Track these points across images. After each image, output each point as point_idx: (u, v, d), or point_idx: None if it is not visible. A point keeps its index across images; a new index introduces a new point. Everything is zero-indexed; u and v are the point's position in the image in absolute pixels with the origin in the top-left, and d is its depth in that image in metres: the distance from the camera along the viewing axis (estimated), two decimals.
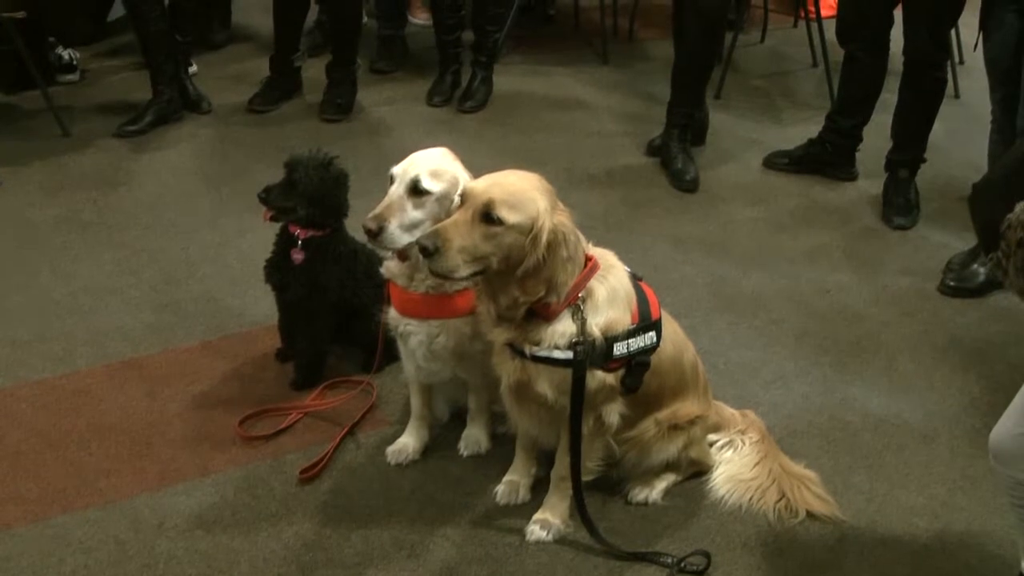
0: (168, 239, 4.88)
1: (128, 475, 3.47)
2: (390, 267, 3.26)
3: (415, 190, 3.01)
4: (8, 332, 4.19)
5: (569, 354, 2.88)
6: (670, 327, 3.16)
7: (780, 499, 3.36)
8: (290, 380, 3.85)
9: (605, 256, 3.01)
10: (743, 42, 7.08)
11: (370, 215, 3.03)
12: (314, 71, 6.41)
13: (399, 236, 3.02)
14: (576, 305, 2.88)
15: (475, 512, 3.32)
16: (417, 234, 2.99)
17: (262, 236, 3.94)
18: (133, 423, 3.71)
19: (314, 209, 3.65)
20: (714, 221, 5.16)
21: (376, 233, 3.00)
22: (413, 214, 3.02)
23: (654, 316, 3.03)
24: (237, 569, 3.05)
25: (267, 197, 3.65)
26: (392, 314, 3.29)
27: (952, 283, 4.56)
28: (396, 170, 3.09)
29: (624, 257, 3.07)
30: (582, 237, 2.90)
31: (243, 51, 7.18)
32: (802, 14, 7.42)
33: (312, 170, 3.62)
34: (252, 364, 4.00)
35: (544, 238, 2.76)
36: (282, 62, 6.31)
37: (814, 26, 6.86)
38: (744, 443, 3.49)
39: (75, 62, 6.65)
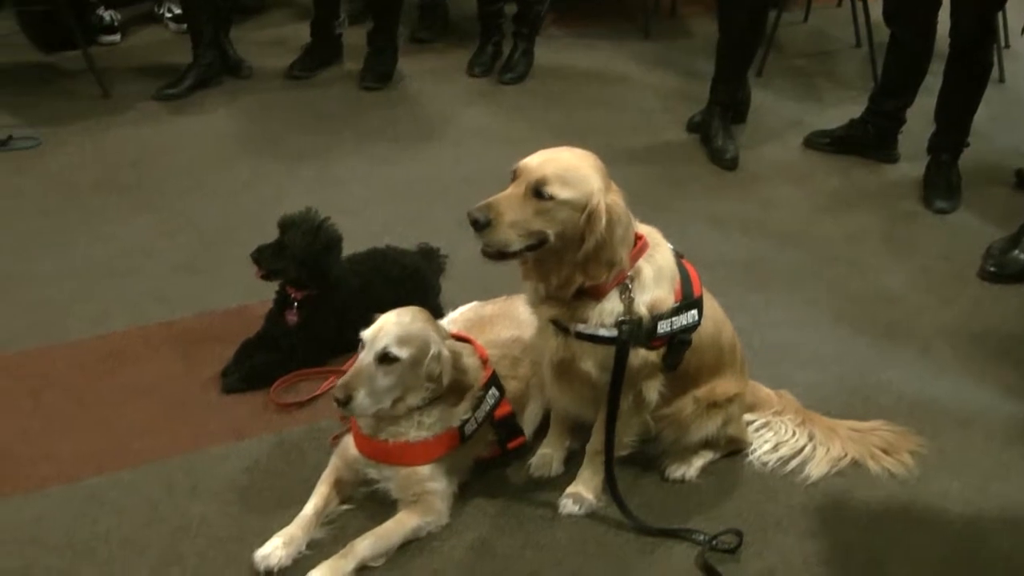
0: (206, 203, 4.90)
1: (162, 437, 3.48)
2: None
3: (384, 358, 2.97)
4: (45, 293, 4.21)
5: (614, 332, 2.87)
6: (709, 305, 3.14)
7: (843, 456, 3.44)
8: (226, 382, 3.75)
9: (652, 234, 2.99)
10: (786, 20, 7.03)
11: (339, 382, 2.99)
12: (355, 38, 6.40)
13: (368, 405, 2.98)
14: (624, 284, 2.86)
15: (508, 483, 3.31)
16: (387, 400, 3.01)
17: (299, 201, 3.91)
18: (167, 386, 3.72)
19: (303, 271, 3.70)
20: (753, 200, 5.14)
21: (344, 402, 2.96)
22: (382, 381, 2.98)
23: (696, 294, 3.02)
24: (270, 533, 3.03)
25: (258, 258, 3.71)
26: (352, 450, 3.23)
27: (992, 269, 4.53)
28: (366, 335, 3.02)
29: (662, 234, 3.06)
30: (631, 216, 2.88)
31: (284, 16, 7.20)
32: None
33: (302, 234, 3.67)
34: None
35: (603, 218, 2.73)
36: (323, 28, 6.31)
37: (859, 5, 6.82)
38: (786, 424, 3.50)
39: (116, 23, 6.67)
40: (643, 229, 2.95)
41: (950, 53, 4.97)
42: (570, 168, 2.76)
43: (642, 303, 2.88)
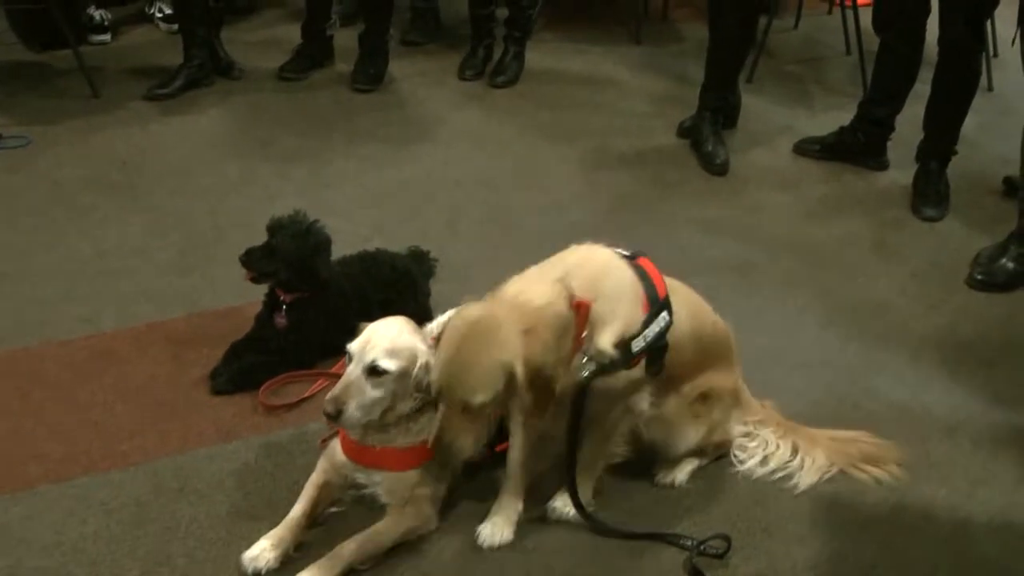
0: (196, 203, 4.90)
1: (151, 438, 3.48)
2: None
3: (373, 371, 2.96)
4: (35, 292, 4.20)
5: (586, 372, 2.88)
6: (685, 299, 3.12)
7: (830, 466, 3.43)
8: (215, 383, 3.73)
9: (594, 254, 2.97)
10: (777, 27, 7.06)
11: (328, 396, 2.96)
12: (346, 40, 6.40)
13: (358, 418, 2.96)
14: (580, 350, 2.85)
15: (496, 487, 3.28)
16: (376, 412, 2.99)
17: (290, 203, 3.93)
18: (157, 386, 3.72)
19: (292, 274, 3.69)
20: (743, 205, 5.15)
21: (335, 416, 2.93)
22: (372, 393, 2.95)
23: (661, 295, 2.97)
24: (258, 535, 3.03)
25: (247, 260, 3.69)
26: (340, 454, 3.21)
27: (980, 276, 4.54)
28: (353, 348, 2.99)
29: (651, 238, 3.07)
30: (565, 287, 2.80)
31: (275, 17, 7.21)
32: (836, 1, 7.39)
33: (291, 236, 3.66)
34: None
35: (526, 381, 2.71)
36: (314, 30, 6.31)
37: (849, 13, 6.83)
38: (769, 436, 3.48)
39: (107, 23, 6.67)
40: (584, 252, 2.94)
41: (939, 61, 4.99)
42: (474, 376, 2.73)
43: (607, 343, 2.85)
